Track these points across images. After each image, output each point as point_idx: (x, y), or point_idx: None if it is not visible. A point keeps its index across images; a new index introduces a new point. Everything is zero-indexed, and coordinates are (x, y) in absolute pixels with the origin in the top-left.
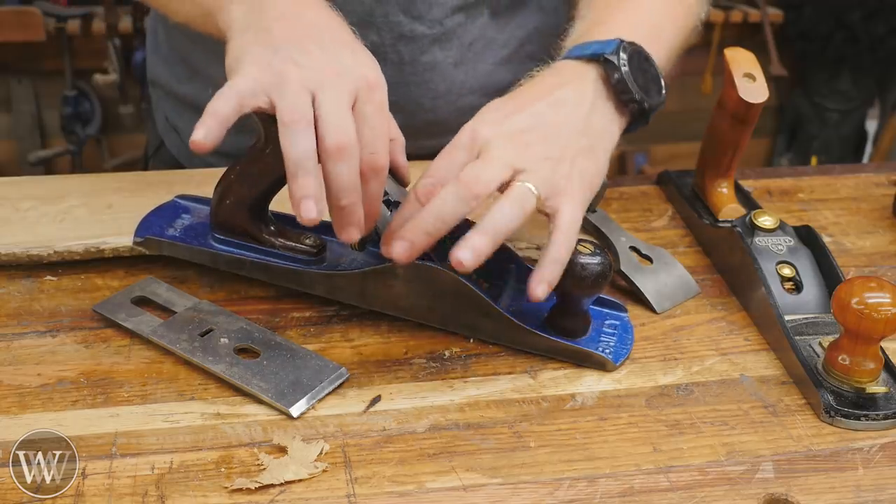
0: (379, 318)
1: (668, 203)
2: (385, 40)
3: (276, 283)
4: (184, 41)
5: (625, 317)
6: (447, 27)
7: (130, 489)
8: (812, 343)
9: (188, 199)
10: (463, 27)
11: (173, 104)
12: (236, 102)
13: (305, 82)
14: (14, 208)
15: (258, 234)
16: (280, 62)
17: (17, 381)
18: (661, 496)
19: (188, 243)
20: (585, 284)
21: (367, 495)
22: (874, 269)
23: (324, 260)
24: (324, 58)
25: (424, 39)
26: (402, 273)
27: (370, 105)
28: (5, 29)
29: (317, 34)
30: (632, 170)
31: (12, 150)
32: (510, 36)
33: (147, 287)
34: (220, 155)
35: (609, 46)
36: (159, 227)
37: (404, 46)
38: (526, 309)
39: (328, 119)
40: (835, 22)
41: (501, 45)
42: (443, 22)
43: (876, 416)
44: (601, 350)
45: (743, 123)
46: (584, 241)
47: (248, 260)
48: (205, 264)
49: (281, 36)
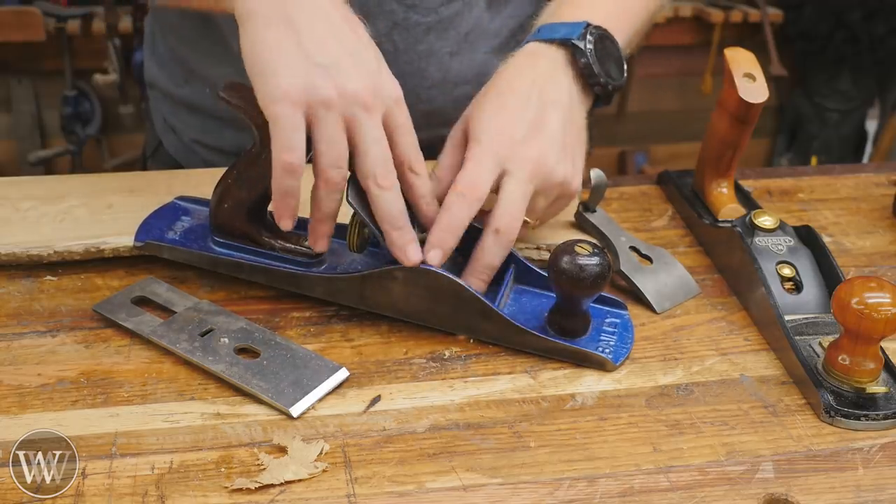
0: (379, 319)
1: (668, 203)
2: (380, 30)
3: (276, 285)
4: (180, 44)
5: (625, 315)
6: (442, 15)
7: (130, 489)
8: (812, 343)
9: (188, 201)
10: (460, 16)
11: (171, 106)
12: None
13: (344, 109)
14: (14, 208)
15: (257, 237)
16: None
17: (17, 381)
18: (661, 496)
19: (188, 247)
20: (584, 285)
21: (367, 495)
22: (874, 269)
23: (323, 262)
24: (357, 73)
25: (419, 28)
26: (402, 276)
27: (402, 117)
28: (5, 29)
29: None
30: (632, 170)
31: (12, 150)
32: (502, 25)
33: (147, 287)
34: (220, 153)
35: (576, 30)
36: (159, 230)
37: (399, 35)
38: (526, 308)
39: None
40: (835, 22)
41: (494, 33)
42: (437, 10)
43: (876, 416)
44: (601, 350)
45: (743, 123)
46: (583, 241)
47: (248, 263)
48: (204, 268)
49: (310, 37)
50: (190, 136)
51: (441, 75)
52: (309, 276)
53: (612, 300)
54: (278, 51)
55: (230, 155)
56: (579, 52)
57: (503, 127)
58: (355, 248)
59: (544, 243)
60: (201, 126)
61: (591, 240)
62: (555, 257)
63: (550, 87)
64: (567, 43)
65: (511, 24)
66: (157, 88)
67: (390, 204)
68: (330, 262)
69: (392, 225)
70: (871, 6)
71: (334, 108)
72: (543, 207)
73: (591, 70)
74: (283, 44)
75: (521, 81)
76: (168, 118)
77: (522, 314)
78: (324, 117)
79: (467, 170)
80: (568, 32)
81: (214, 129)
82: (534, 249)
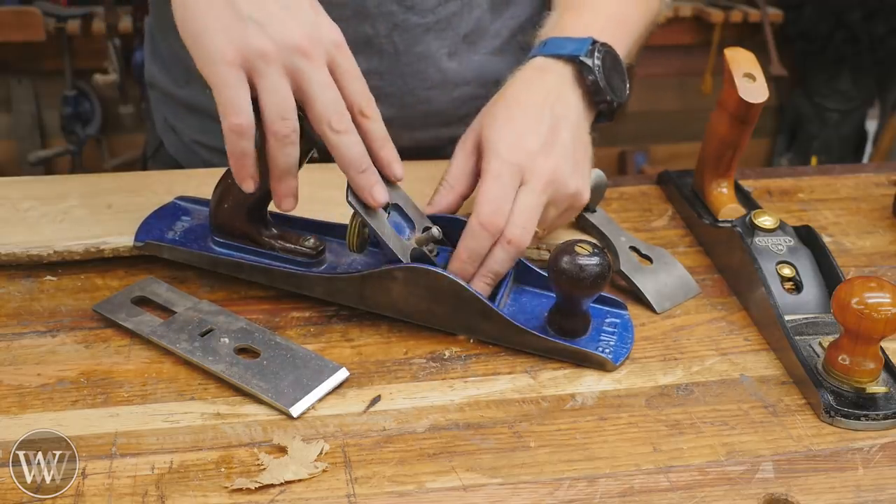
0: (379, 319)
1: (668, 203)
2: (379, 31)
3: (276, 285)
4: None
5: (625, 315)
6: (440, 16)
7: (130, 489)
8: (812, 343)
9: (188, 201)
10: (458, 16)
11: (171, 106)
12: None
13: (284, 60)
14: (14, 208)
15: (257, 237)
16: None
17: (17, 381)
18: (661, 496)
19: (188, 247)
20: (584, 285)
21: (367, 495)
22: (874, 269)
23: (323, 262)
24: (292, 23)
25: (418, 29)
26: (402, 276)
27: (346, 61)
28: (5, 29)
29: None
30: (632, 170)
31: (12, 150)
32: (502, 26)
33: (147, 287)
34: (220, 153)
35: (583, 47)
36: (159, 230)
37: (399, 36)
38: (526, 308)
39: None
40: (835, 22)
41: (494, 34)
42: (435, 10)
43: (876, 416)
44: (601, 350)
45: (743, 123)
46: (582, 241)
47: (248, 263)
48: (204, 268)
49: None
50: (190, 137)
51: (440, 76)
52: (309, 276)
53: (612, 300)
54: (209, 13)
55: None
56: (587, 69)
57: (519, 139)
58: (355, 248)
59: (544, 243)
60: (201, 126)
61: (591, 240)
62: (555, 257)
63: (560, 102)
64: (574, 59)
65: (511, 24)
66: (157, 88)
67: (349, 148)
68: (330, 262)
69: (355, 169)
70: (871, 6)
71: (273, 61)
72: (553, 218)
73: (597, 87)
74: (214, 5)
75: (533, 96)
76: (168, 118)
77: (522, 314)
78: (263, 70)
79: (488, 186)
80: (575, 49)
81: (214, 130)
82: (534, 249)
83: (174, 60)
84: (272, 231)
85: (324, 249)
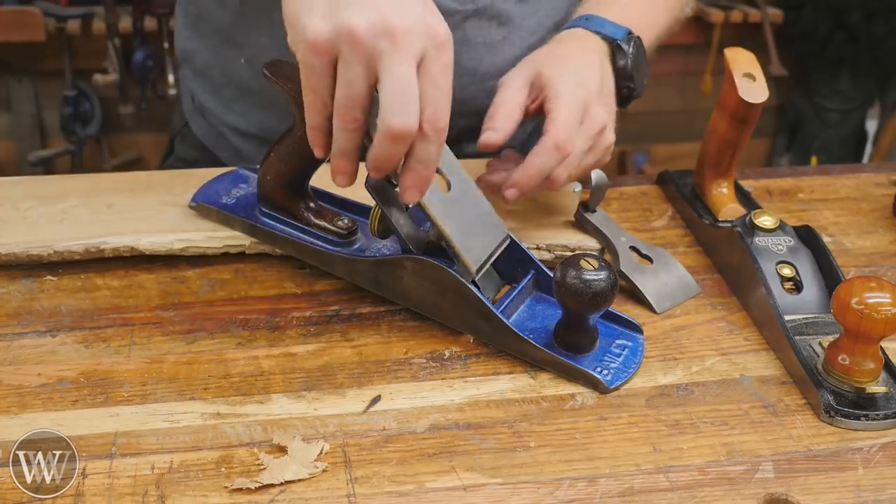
0: (379, 318)
1: (668, 203)
2: None
3: (304, 259)
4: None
5: (639, 338)
6: (479, 5)
7: (130, 489)
8: (812, 343)
9: (249, 170)
10: (494, 7)
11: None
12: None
13: (372, 43)
14: (14, 208)
15: (296, 210)
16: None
17: (17, 381)
18: (661, 496)
19: (236, 213)
20: (586, 301)
21: (367, 495)
22: (874, 269)
23: (354, 243)
24: (394, 11)
25: (457, 16)
26: (411, 267)
27: (437, 65)
28: (5, 29)
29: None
30: (632, 170)
31: (12, 150)
32: (538, 24)
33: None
34: (247, 137)
35: (620, 33)
36: (216, 193)
37: None
38: (538, 316)
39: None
40: (835, 22)
41: (530, 31)
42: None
43: (876, 416)
44: (599, 370)
45: (743, 123)
46: (589, 256)
47: (281, 235)
48: (245, 234)
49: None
50: (220, 119)
51: (474, 65)
52: (332, 254)
53: (628, 322)
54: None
55: (258, 139)
56: (622, 53)
57: (583, 80)
58: (377, 233)
59: (544, 243)
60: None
61: (598, 255)
62: (560, 272)
63: (604, 66)
64: (613, 41)
65: (547, 23)
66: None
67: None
68: (361, 244)
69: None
70: (871, 6)
71: (359, 45)
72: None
73: (625, 73)
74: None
75: (586, 52)
76: (197, 97)
77: (532, 321)
78: (347, 56)
79: (566, 113)
80: (613, 32)
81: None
82: (534, 249)
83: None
84: (310, 206)
85: (356, 230)
